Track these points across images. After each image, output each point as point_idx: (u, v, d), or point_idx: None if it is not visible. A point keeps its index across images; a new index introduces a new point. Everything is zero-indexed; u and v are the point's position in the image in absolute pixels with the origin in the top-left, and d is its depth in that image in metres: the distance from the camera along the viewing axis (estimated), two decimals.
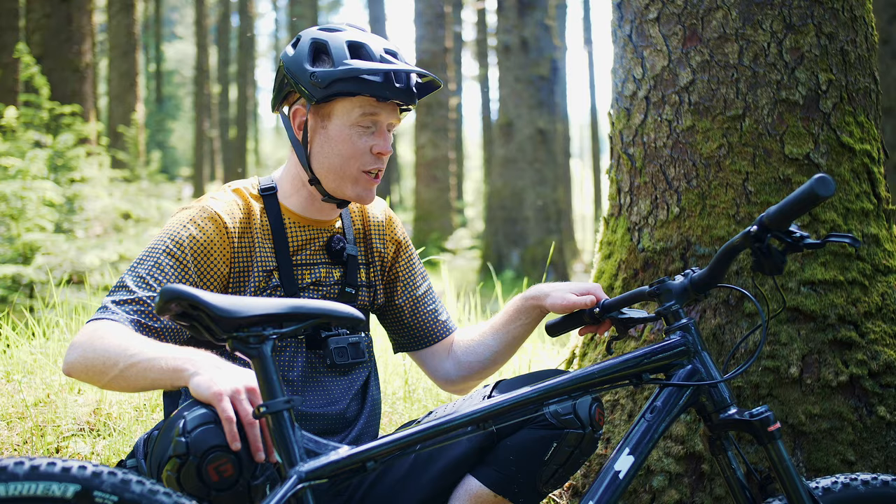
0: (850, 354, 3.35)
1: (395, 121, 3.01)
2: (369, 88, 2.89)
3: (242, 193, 3.05)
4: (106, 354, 2.55)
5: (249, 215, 3.01)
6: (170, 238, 2.87)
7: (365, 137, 2.96)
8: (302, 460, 2.20)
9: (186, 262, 2.85)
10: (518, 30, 19.32)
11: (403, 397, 4.86)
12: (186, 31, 54.02)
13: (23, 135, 11.33)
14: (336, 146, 2.97)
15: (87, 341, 2.61)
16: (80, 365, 2.61)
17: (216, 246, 2.90)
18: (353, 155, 2.95)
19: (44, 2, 15.03)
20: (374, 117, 2.95)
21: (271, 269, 2.99)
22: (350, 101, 2.94)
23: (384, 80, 2.89)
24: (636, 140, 3.69)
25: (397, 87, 2.90)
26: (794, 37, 3.45)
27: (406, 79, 2.93)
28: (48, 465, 1.99)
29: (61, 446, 3.98)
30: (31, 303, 8.43)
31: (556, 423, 2.80)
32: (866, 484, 2.57)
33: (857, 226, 3.47)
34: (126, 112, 20.41)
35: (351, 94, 2.90)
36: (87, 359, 2.59)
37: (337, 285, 3.10)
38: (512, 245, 19.69)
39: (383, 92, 2.89)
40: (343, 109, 2.95)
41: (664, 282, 2.67)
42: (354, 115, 2.94)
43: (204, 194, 3.13)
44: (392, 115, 2.98)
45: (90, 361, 2.57)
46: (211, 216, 2.92)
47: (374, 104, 2.93)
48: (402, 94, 2.91)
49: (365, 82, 2.89)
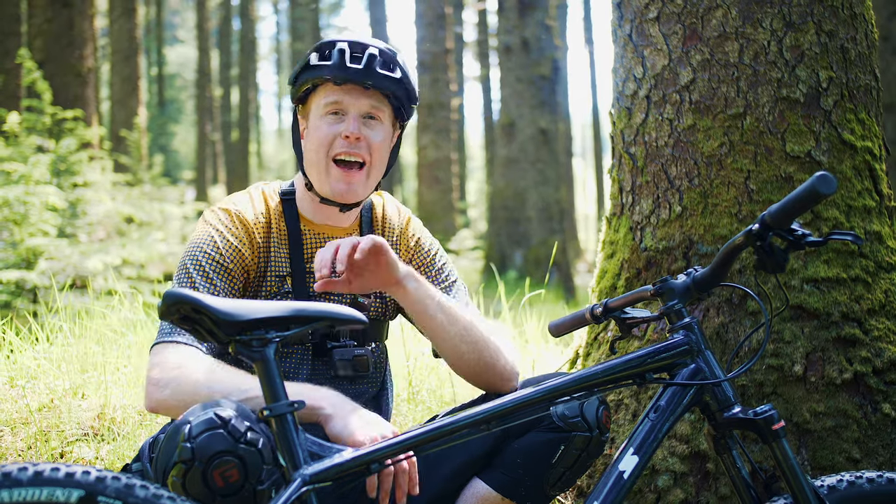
0: (854, 352, 3.35)
1: (371, 107, 2.98)
2: (322, 72, 2.91)
3: (266, 197, 3.08)
4: (214, 392, 2.55)
5: (270, 220, 3.04)
6: (209, 244, 2.90)
7: (335, 125, 2.96)
8: (306, 463, 2.20)
9: (228, 266, 2.89)
10: (519, 30, 19.30)
11: (407, 399, 4.86)
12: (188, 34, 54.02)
13: (25, 140, 11.34)
14: (310, 139, 3.00)
15: (177, 377, 2.62)
16: (174, 403, 2.60)
17: (248, 249, 2.95)
18: (322, 142, 2.96)
19: (45, 7, 15.04)
20: (336, 101, 2.95)
21: (285, 274, 3.00)
22: (316, 94, 2.98)
23: (335, 62, 2.89)
24: (637, 139, 3.68)
25: (351, 67, 2.89)
26: (795, 35, 3.45)
27: (364, 59, 2.90)
28: (52, 470, 1.99)
29: (65, 451, 3.98)
30: (34, 308, 8.43)
31: (563, 426, 2.80)
32: (871, 482, 2.56)
33: (860, 223, 3.47)
34: (128, 116, 20.41)
35: (312, 85, 2.95)
36: (184, 397, 2.59)
37: (349, 294, 3.09)
38: (515, 245, 19.66)
39: (334, 72, 2.89)
40: (313, 103, 3.00)
41: (666, 281, 2.66)
42: (321, 106, 2.96)
43: (231, 194, 3.13)
44: (360, 99, 2.95)
45: (191, 400, 2.55)
46: (242, 220, 2.97)
47: (333, 89, 2.94)
48: (358, 74, 2.89)
49: (318, 68, 2.92)
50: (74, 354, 4.98)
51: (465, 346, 2.87)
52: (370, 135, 2.98)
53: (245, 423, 2.31)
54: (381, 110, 3.00)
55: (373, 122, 2.99)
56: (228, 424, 2.29)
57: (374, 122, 2.99)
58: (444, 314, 2.85)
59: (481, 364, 2.91)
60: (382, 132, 3.02)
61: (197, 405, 2.39)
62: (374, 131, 2.99)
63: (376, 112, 2.99)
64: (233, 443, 2.27)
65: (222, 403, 2.37)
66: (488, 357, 2.91)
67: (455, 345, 2.87)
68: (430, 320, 2.84)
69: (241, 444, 2.28)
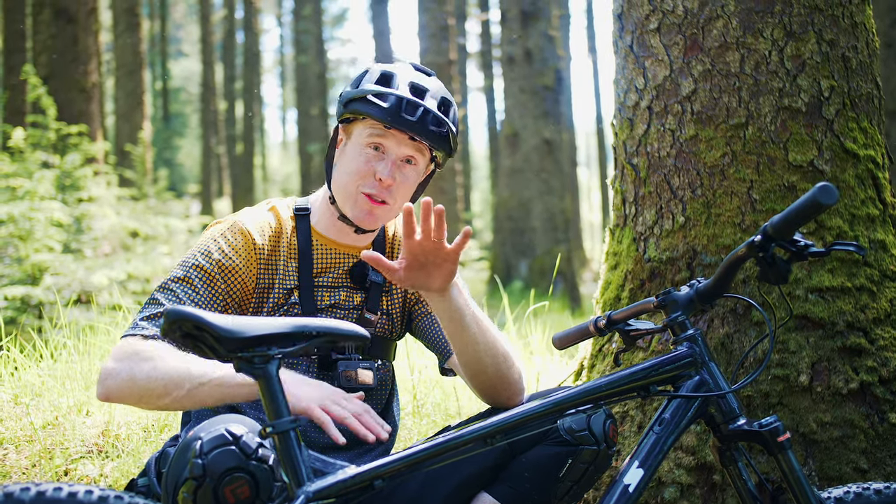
0: (860, 361, 3.34)
1: (411, 153, 3.00)
2: (375, 111, 2.91)
3: (277, 212, 3.11)
4: (167, 377, 2.59)
5: (280, 234, 3.05)
6: (200, 253, 2.93)
7: (373, 161, 2.97)
8: (309, 480, 2.19)
9: (215, 276, 2.90)
10: (522, 40, 19.34)
11: (412, 413, 4.85)
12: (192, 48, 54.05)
13: (30, 155, 11.35)
14: (346, 163, 3.01)
15: (132, 366, 2.63)
16: (128, 389, 2.62)
17: (244, 261, 2.95)
18: (355, 173, 2.97)
19: (50, 23, 15.06)
20: (381, 140, 2.96)
21: (292, 287, 3.01)
22: (363, 123, 2.98)
23: (392, 107, 2.90)
24: (640, 150, 3.68)
25: (404, 117, 2.90)
26: (795, 44, 3.45)
27: (418, 114, 2.91)
28: (54, 490, 1.99)
29: (70, 469, 3.97)
30: (39, 324, 8.43)
31: (570, 440, 2.81)
32: (879, 493, 2.55)
33: (864, 232, 3.46)
34: (133, 130, 20.44)
35: (361, 115, 2.95)
36: (137, 383, 2.61)
37: (356, 310, 3.11)
38: (520, 255, 19.67)
39: (386, 118, 2.90)
40: (358, 130, 3.00)
41: (670, 293, 2.66)
42: (364, 137, 2.97)
43: (238, 211, 3.15)
44: (403, 146, 2.97)
45: (143, 386, 2.60)
46: (241, 231, 2.98)
47: (381, 129, 2.94)
48: (410, 126, 2.91)
49: (373, 105, 2.92)
50: (79, 371, 4.98)
51: (489, 359, 2.88)
52: (402, 180, 3.00)
53: (256, 440, 2.31)
54: (420, 155, 3.02)
55: (408, 167, 3.01)
56: (240, 441, 2.30)
57: (409, 167, 3.02)
58: (477, 326, 2.85)
59: (497, 378, 2.92)
60: (415, 175, 3.05)
61: (207, 421, 2.39)
62: (407, 175, 3.02)
63: (414, 157, 3.01)
64: (244, 459, 2.28)
65: (234, 419, 2.37)
66: (505, 371, 2.92)
67: (480, 357, 2.88)
68: (464, 330, 2.84)
69: (253, 460, 2.29)
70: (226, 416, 2.43)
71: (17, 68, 15.02)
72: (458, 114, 3.52)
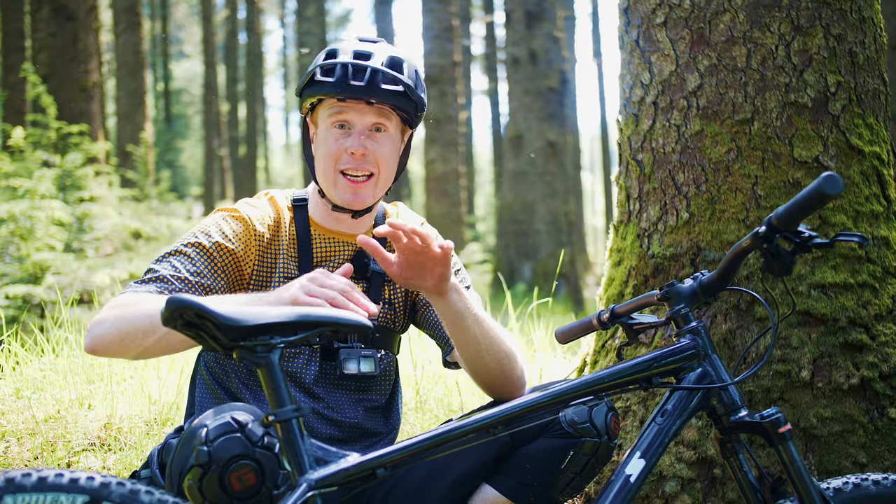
0: (861, 357, 3.34)
1: (376, 120, 2.98)
2: (326, 88, 2.92)
3: (276, 202, 3.12)
4: (148, 320, 2.58)
5: (279, 224, 3.06)
6: (200, 232, 2.94)
7: (341, 140, 2.97)
8: (311, 468, 2.19)
9: (212, 254, 2.90)
10: (527, 42, 19.32)
11: (415, 408, 4.85)
12: (194, 49, 54.03)
13: (31, 155, 11.34)
14: (319, 150, 3.02)
15: (117, 314, 2.64)
16: (112, 336, 2.62)
17: (242, 245, 2.96)
18: (329, 155, 2.97)
19: (49, 21, 15.02)
20: (342, 117, 2.96)
21: (293, 276, 3.01)
22: (322, 106, 2.99)
23: (338, 78, 2.89)
24: (645, 146, 3.67)
25: (352, 84, 2.89)
26: (802, 39, 3.44)
27: (366, 76, 2.90)
28: (56, 476, 1.99)
29: (72, 461, 3.97)
30: (41, 323, 8.42)
31: (572, 432, 2.81)
32: (877, 484, 2.57)
33: (868, 228, 3.45)
34: (135, 131, 20.41)
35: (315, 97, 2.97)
36: (121, 329, 2.61)
37: None
38: (524, 258, 19.65)
39: (336, 90, 2.90)
40: (321, 115, 3.01)
41: (673, 285, 2.66)
42: (326, 118, 2.98)
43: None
44: (365, 114, 2.96)
45: (126, 331, 2.60)
46: (241, 218, 3.00)
47: (337, 104, 2.94)
48: (360, 91, 2.89)
49: (322, 83, 2.93)
50: (80, 366, 4.98)
51: (490, 357, 2.88)
52: (376, 148, 2.99)
53: (262, 427, 2.32)
54: (387, 121, 3.00)
55: (378, 135, 3.00)
56: (245, 428, 2.31)
57: (380, 135, 3.00)
58: (479, 326, 2.85)
59: (501, 375, 2.93)
60: (389, 143, 3.03)
61: (211, 410, 2.40)
62: (381, 143, 3.00)
63: (382, 123, 2.99)
64: (249, 446, 2.30)
65: (239, 408, 2.38)
66: (508, 369, 2.92)
67: (482, 356, 2.88)
68: (465, 332, 2.84)
69: (258, 447, 2.31)
70: (231, 404, 2.44)
71: (17, 67, 14.99)
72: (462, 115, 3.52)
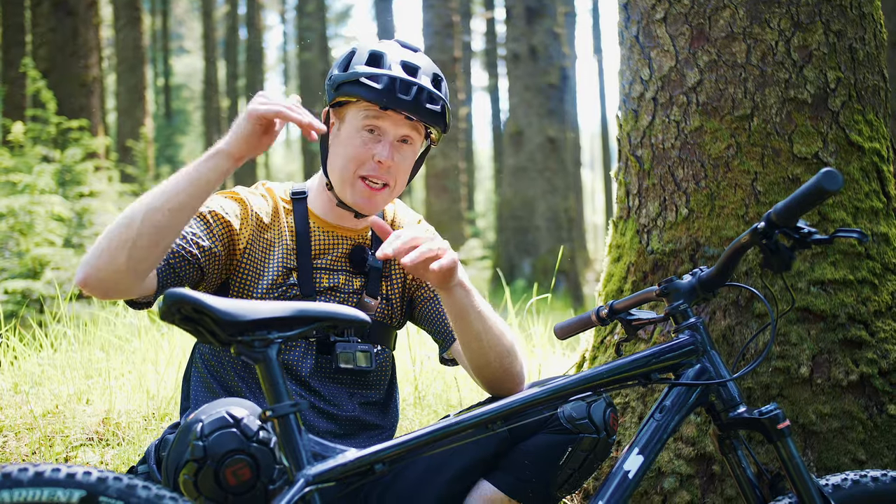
0: (861, 354, 3.33)
1: (408, 133, 2.98)
2: (369, 94, 2.90)
3: (273, 193, 3.13)
4: (124, 220, 2.59)
5: (276, 214, 3.07)
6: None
7: (370, 144, 2.95)
8: (309, 463, 2.18)
9: (208, 219, 2.91)
10: (527, 38, 19.32)
11: (413, 403, 4.85)
12: (194, 44, 53.93)
13: (30, 150, 11.33)
14: (342, 148, 2.99)
15: (100, 237, 2.62)
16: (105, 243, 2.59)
17: (237, 220, 2.97)
18: (353, 157, 2.96)
19: (49, 16, 15.00)
20: (377, 122, 2.94)
21: (290, 268, 3.02)
22: (357, 106, 2.95)
23: (385, 88, 2.88)
24: (644, 142, 3.67)
25: (399, 97, 2.88)
26: (802, 35, 3.44)
27: (413, 92, 2.90)
28: (52, 470, 1.98)
29: (70, 456, 3.97)
30: (40, 318, 8.42)
31: (570, 428, 2.81)
32: (876, 480, 2.57)
33: (867, 225, 3.45)
34: (134, 126, 20.41)
35: (355, 97, 2.93)
36: (99, 245, 2.60)
37: (356, 294, 3.11)
38: (523, 254, 19.66)
39: (381, 99, 2.88)
40: (352, 113, 2.98)
41: (672, 281, 2.65)
42: (359, 120, 2.96)
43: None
44: (400, 126, 2.95)
45: (111, 239, 2.59)
46: (239, 199, 3.03)
47: (376, 111, 2.93)
48: (405, 105, 2.89)
49: (365, 87, 2.90)
50: (79, 361, 4.98)
51: (493, 354, 2.87)
52: (400, 161, 3.00)
53: (257, 422, 2.32)
54: (416, 134, 3.02)
55: (405, 147, 3.01)
56: (241, 423, 2.31)
57: (406, 147, 3.01)
58: (482, 323, 2.84)
59: (501, 370, 2.92)
60: (412, 155, 3.05)
61: (207, 405, 2.39)
62: (404, 156, 3.01)
63: (411, 136, 3.00)
64: (245, 441, 2.29)
65: (235, 402, 2.37)
66: (508, 366, 2.92)
67: (484, 353, 2.87)
68: (468, 328, 2.83)
69: (254, 442, 2.30)
70: (226, 399, 2.44)
71: (17, 62, 14.99)
72: (462, 111, 3.53)
